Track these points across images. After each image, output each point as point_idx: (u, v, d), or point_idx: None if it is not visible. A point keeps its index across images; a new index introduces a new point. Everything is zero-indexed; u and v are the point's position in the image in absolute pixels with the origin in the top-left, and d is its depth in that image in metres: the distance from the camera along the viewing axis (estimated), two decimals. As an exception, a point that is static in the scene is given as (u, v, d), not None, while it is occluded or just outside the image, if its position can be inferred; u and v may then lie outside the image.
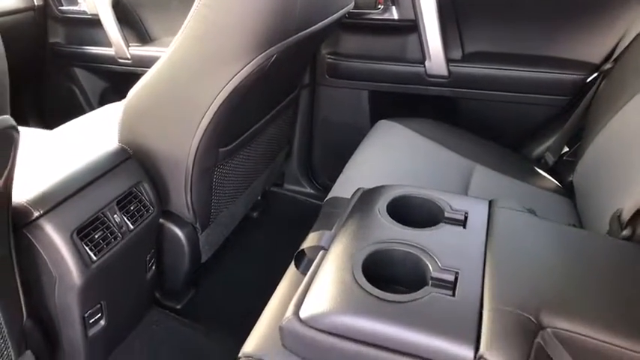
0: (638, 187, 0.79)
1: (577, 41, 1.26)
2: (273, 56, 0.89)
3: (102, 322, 0.93)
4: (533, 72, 1.30)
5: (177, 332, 1.14)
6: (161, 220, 1.06)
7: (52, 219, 0.78)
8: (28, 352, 0.81)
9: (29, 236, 0.78)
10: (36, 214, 0.77)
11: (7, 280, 0.72)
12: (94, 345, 0.94)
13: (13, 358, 0.78)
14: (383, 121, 1.31)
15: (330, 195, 1.02)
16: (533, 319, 0.55)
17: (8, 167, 0.58)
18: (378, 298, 0.59)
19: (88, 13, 1.69)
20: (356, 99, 1.51)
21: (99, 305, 0.91)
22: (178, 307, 1.24)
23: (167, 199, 1.04)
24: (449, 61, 1.35)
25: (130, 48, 1.67)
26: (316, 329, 0.58)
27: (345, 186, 1.03)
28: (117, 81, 1.84)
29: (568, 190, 1.18)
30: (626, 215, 0.77)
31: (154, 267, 1.07)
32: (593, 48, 1.24)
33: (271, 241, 1.53)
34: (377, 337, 0.56)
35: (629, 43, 1.11)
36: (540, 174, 1.25)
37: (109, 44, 1.70)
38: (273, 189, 1.72)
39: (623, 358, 0.54)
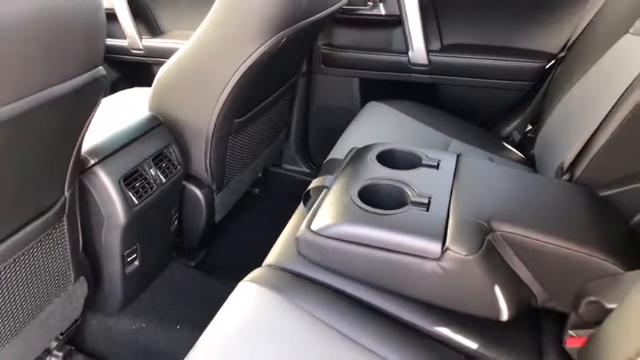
0: (576, 143, 0.99)
1: (538, 34, 1.46)
2: (282, 40, 1.08)
3: (136, 263, 1.11)
4: (502, 61, 1.50)
5: (196, 280, 1.31)
6: (183, 182, 1.23)
7: (105, 167, 0.96)
8: (82, 279, 0.98)
9: (85, 181, 0.95)
10: (92, 162, 0.94)
11: (73, 216, 0.89)
12: (129, 282, 1.11)
13: (72, 280, 0.95)
14: (372, 102, 1.50)
15: (328, 158, 1.21)
16: (485, 224, 0.75)
17: (94, 111, 0.75)
18: (370, 212, 0.77)
19: (104, 7, 1.86)
20: (348, 85, 1.70)
21: (135, 246, 1.08)
22: (192, 264, 1.42)
23: (189, 162, 1.22)
24: (429, 51, 1.55)
25: (142, 40, 1.85)
26: (324, 236, 0.77)
27: (340, 151, 1.22)
28: (128, 71, 2.01)
29: (531, 162, 1.38)
30: (566, 164, 0.97)
31: (176, 222, 1.25)
32: (551, 40, 1.44)
33: (271, 213, 1.71)
34: (370, 240, 0.75)
35: (579, 35, 1.31)
36: (508, 148, 1.45)
37: (122, 36, 1.87)
38: (273, 169, 1.90)
39: (553, 253, 0.74)
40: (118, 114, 1.13)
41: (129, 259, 1.08)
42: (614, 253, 0.72)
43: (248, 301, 0.75)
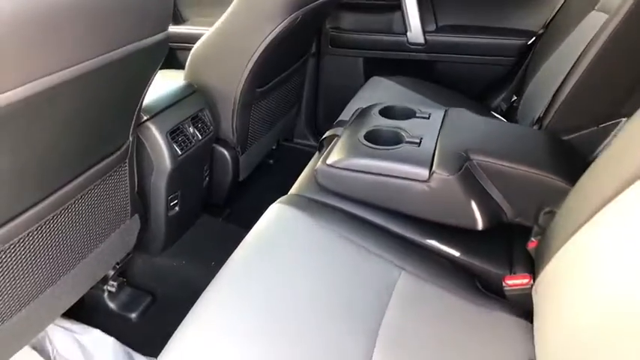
0: (544, 100, 1.19)
1: (520, 14, 1.66)
2: (297, 18, 1.28)
3: (177, 208, 1.31)
4: (489, 39, 1.70)
5: (225, 228, 1.52)
6: (213, 145, 1.43)
7: (155, 122, 1.16)
8: (136, 216, 1.19)
9: (139, 134, 1.15)
10: (145, 117, 1.15)
11: (132, 159, 1.09)
12: (171, 224, 1.32)
13: (129, 216, 1.16)
14: (374, 77, 1.70)
15: (337, 120, 1.41)
16: (464, 154, 0.95)
17: (157, 69, 0.95)
18: (373, 148, 0.98)
19: None
20: (353, 64, 1.90)
21: (177, 193, 1.29)
22: (219, 220, 1.63)
23: (218, 126, 1.42)
24: (425, 32, 1.75)
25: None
26: (338, 168, 0.98)
27: (347, 115, 1.41)
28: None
29: (515, 126, 1.57)
30: (536, 118, 1.17)
31: (207, 178, 1.45)
32: (532, 19, 1.64)
33: (284, 181, 1.91)
34: (374, 169, 0.95)
35: (555, 13, 1.51)
36: (496, 116, 1.65)
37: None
38: (284, 143, 2.11)
39: (518, 176, 0.94)
40: (161, 83, 1.33)
41: (171, 204, 1.28)
42: (565, 174, 0.92)
43: (278, 217, 0.96)
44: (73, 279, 1.04)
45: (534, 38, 1.62)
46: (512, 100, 1.70)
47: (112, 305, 1.32)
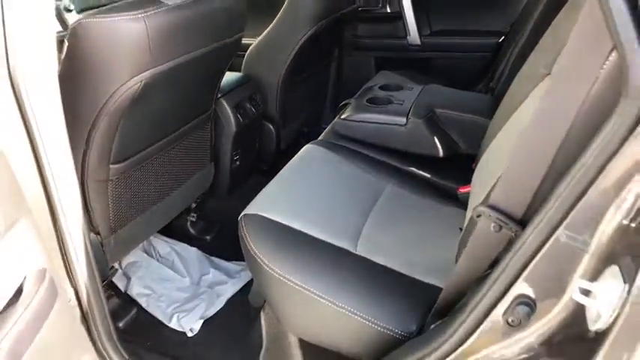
0: (501, 75, 1.68)
1: (492, 19, 2.16)
2: (323, 25, 1.81)
3: (237, 162, 1.85)
4: (470, 39, 2.20)
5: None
6: (263, 121, 1.97)
7: (225, 98, 1.70)
8: (212, 163, 1.73)
9: (215, 106, 1.70)
10: (219, 95, 1.69)
11: (212, 122, 1.64)
12: (233, 175, 1.85)
13: (208, 161, 1.69)
14: (382, 71, 2.21)
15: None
16: (430, 107, 1.46)
17: (233, 58, 1.50)
18: (371, 106, 1.50)
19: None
20: (367, 63, 2.42)
21: (238, 151, 1.82)
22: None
23: (266, 106, 1.96)
24: (421, 35, 2.26)
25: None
26: (349, 120, 1.50)
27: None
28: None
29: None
30: (493, 86, 1.67)
31: (257, 145, 1.99)
32: (500, 21, 2.13)
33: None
34: (373, 119, 1.47)
35: (517, 17, 2.00)
36: (476, 98, 2.14)
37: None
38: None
39: (469, 121, 1.44)
40: (227, 75, 1.88)
41: (234, 158, 1.82)
42: (496, 119, 1.42)
43: (308, 152, 1.47)
44: (173, 200, 1.58)
45: (503, 37, 2.11)
46: (490, 84, 2.19)
47: (192, 231, 1.87)
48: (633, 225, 0.55)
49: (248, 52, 1.91)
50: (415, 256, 1.11)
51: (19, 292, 0.79)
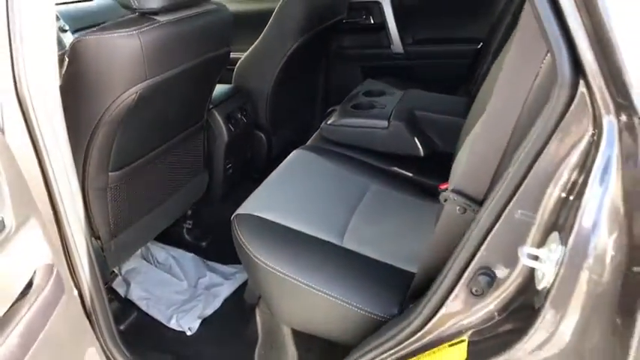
0: (476, 81, 1.78)
1: (472, 28, 2.26)
2: (308, 38, 1.91)
3: (230, 170, 1.93)
4: (452, 47, 2.30)
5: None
6: (253, 130, 2.05)
7: (217, 109, 1.79)
8: (206, 170, 1.81)
9: (207, 116, 1.78)
10: (211, 106, 1.78)
11: (205, 132, 1.72)
12: (226, 182, 1.93)
13: (202, 169, 1.77)
14: (368, 79, 2.30)
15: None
16: (410, 110, 1.54)
17: (222, 70, 1.59)
18: (356, 111, 1.58)
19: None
20: (353, 72, 2.52)
21: (230, 159, 1.90)
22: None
23: (256, 115, 2.04)
24: (404, 44, 2.36)
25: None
26: (335, 125, 1.58)
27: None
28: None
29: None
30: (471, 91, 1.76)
31: (249, 153, 2.07)
32: (482, 29, 2.23)
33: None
34: (356, 123, 1.56)
35: (494, 22, 2.10)
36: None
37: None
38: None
39: (446, 121, 1.53)
40: (218, 87, 1.97)
41: (227, 167, 1.90)
42: (471, 119, 1.51)
43: (297, 156, 1.56)
44: (170, 206, 1.66)
45: (482, 44, 2.21)
46: (470, 90, 2.29)
47: (188, 237, 1.94)
48: (570, 197, 0.64)
49: (238, 64, 2.00)
50: (396, 247, 1.19)
51: (29, 285, 0.86)
